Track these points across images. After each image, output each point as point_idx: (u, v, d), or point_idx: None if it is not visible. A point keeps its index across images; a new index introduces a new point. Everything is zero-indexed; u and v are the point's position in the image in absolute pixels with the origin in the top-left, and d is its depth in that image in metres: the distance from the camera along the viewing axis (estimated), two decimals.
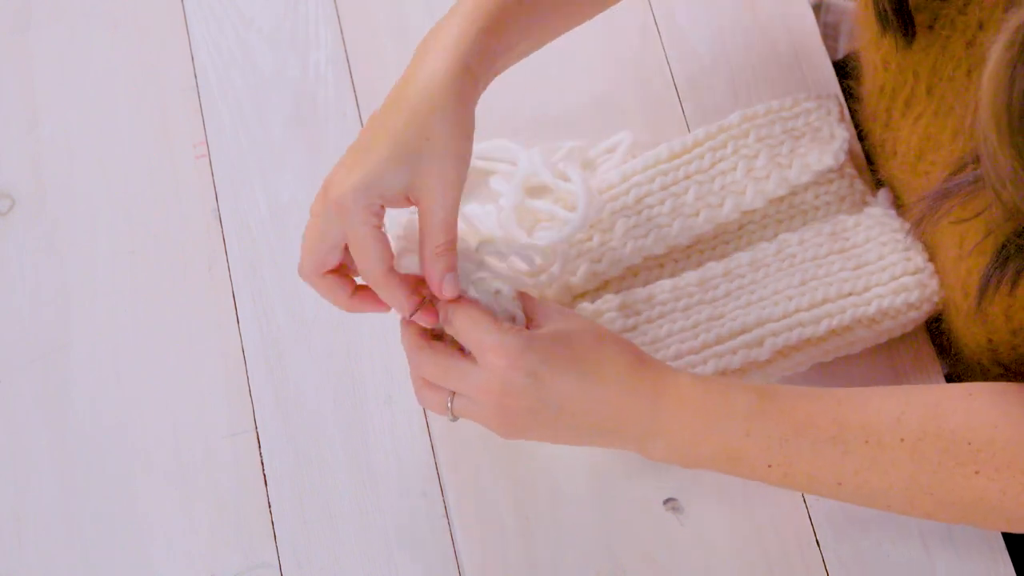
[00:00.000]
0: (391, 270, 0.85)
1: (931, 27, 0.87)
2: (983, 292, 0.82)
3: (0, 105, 1.11)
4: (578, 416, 0.86)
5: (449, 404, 0.87)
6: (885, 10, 0.88)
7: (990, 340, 0.89)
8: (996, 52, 0.69)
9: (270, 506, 0.98)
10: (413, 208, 0.86)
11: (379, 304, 0.88)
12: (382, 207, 0.84)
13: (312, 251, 0.86)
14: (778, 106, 1.02)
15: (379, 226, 0.84)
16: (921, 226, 0.86)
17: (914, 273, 0.96)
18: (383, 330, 1.02)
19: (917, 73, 0.91)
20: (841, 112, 1.02)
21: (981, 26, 0.83)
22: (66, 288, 1.04)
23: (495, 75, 0.90)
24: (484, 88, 0.88)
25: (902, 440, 0.84)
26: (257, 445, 1.00)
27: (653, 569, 0.95)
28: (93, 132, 1.10)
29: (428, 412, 1.00)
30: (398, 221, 0.89)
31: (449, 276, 0.85)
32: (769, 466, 0.86)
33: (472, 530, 0.97)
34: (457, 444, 0.99)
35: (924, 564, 0.95)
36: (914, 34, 0.88)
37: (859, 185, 1.02)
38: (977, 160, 0.77)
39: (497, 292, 0.88)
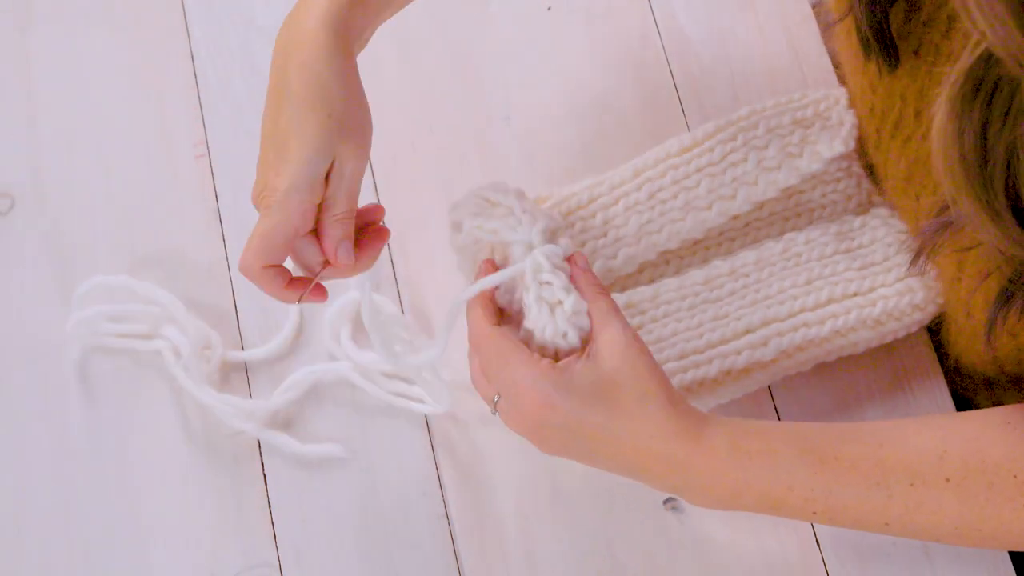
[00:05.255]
0: (269, 268, 0.84)
1: (917, 53, 0.87)
2: (990, 330, 0.82)
3: (0, 105, 1.11)
4: (615, 458, 0.85)
5: (496, 400, 0.87)
6: (867, 37, 0.88)
7: (995, 358, 0.89)
8: (941, 106, 0.69)
9: (270, 506, 0.98)
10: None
11: (319, 294, 0.87)
12: (315, 205, 0.83)
13: (259, 250, 0.84)
14: (786, 99, 1.02)
15: (296, 224, 0.83)
16: (920, 259, 0.85)
17: (920, 274, 0.95)
18: None
19: (904, 97, 0.91)
20: (849, 101, 1.01)
21: None
22: (66, 288, 1.03)
23: (367, 40, 0.90)
24: (360, 51, 0.88)
25: (947, 480, 0.83)
26: (257, 445, 1.00)
27: (653, 569, 0.95)
28: (93, 132, 1.10)
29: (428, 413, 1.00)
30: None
31: (345, 243, 0.84)
32: (814, 513, 0.85)
33: (472, 530, 0.97)
34: (457, 444, 0.99)
35: (924, 564, 0.95)
36: (897, 61, 0.88)
37: (866, 185, 1.02)
38: None
39: (558, 304, 0.86)
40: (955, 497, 0.83)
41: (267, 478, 0.99)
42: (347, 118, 0.84)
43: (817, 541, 0.96)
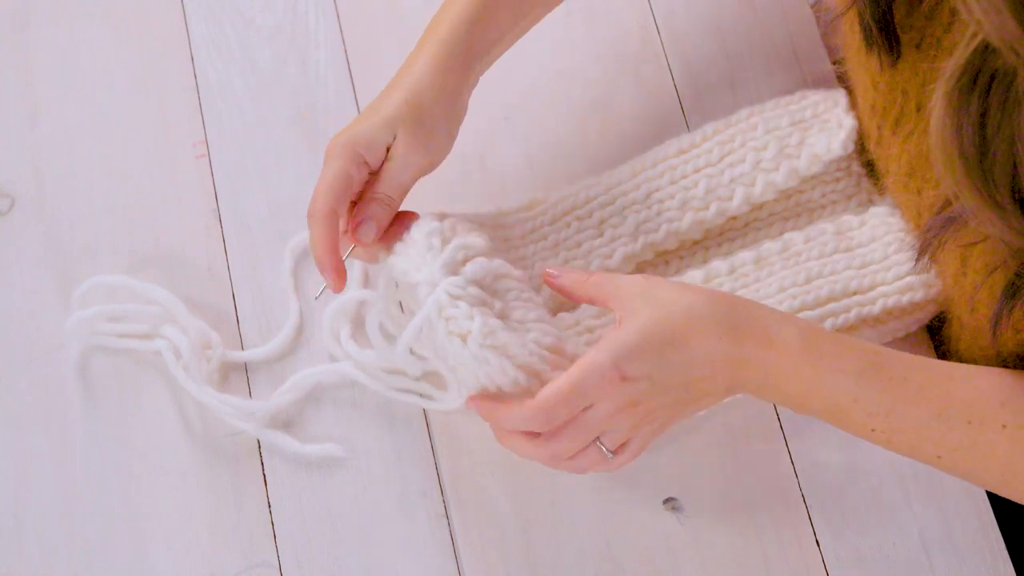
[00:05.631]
0: (334, 211, 0.90)
1: (919, 46, 0.87)
2: (996, 322, 0.83)
3: (0, 104, 1.11)
4: (705, 383, 0.86)
5: (603, 449, 0.87)
6: (870, 28, 0.88)
7: (999, 353, 0.89)
8: (938, 101, 0.70)
9: (270, 506, 0.98)
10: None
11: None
12: (364, 162, 0.91)
13: (324, 192, 0.90)
14: (786, 100, 1.02)
15: (351, 172, 0.90)
16: (926, 255, 0.86)
17: (919, 272, 0.95)
18: None
19: (906, 92, 0.91)
20: (849, 102, 1.01)
21: None
22: (66, 288, 1.03)
23: (487, 61, 0.96)
24: (477, 72, 0.95)
25: (1004, 426, 0.84)
26: (257, 445, 1.00)
27: (652, 569, 0.95)
28: (93, 132, 1.10)
29: (427, 411, 1.00)
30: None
31: (370, 222, 0.91)
32: (873, 430, 0.86)
33: (472, 530, 0.97)
34: (457, 444, 0.99)
35: (924, 564, 0.95)
36: (899, 53, 0.89)
37: (866, 184, 1.02)
38: None
39: (468, 333, 0.86)
40: (1008, 444, 0.84)
41: (267, 478, 0.99)
42: (425, 116, 0.92)
43: (817, 541, 0.96)
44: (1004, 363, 0.91)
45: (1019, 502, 0.88)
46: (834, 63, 1.10)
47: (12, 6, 1.14)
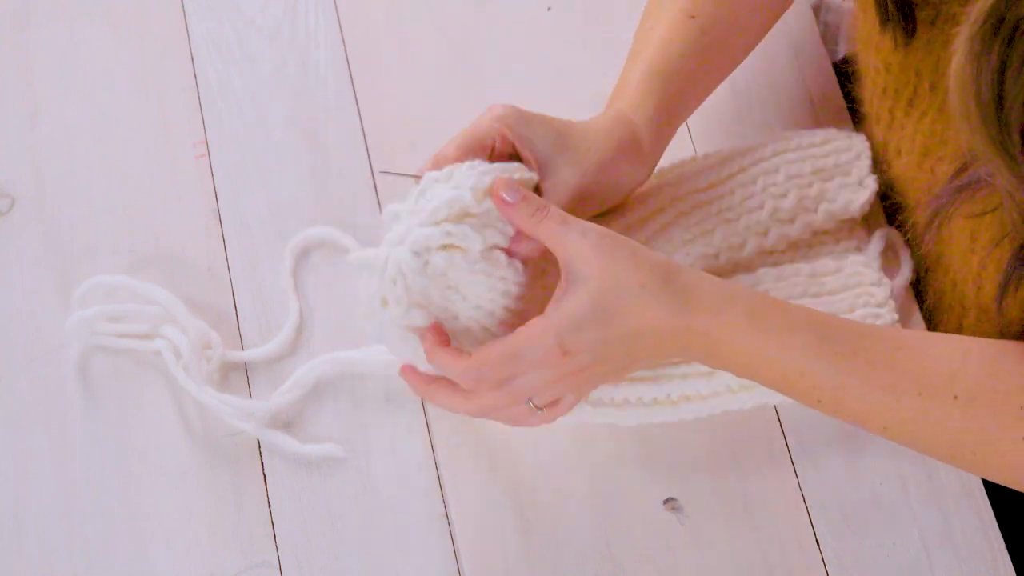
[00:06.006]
0: (458, 159, 0.89)
1: (933, 23, 0.88)
2: (1003, 293, 0.83)
3: (0, 104, 1.11)
4: (648, 352, 0.87)
5: (534, 406, 0.88)
6: (886, 3, 0.88)
7: (1002, 333, 0.89)
8: (960, 46, 0.70)
9: (270, 506, 0.98)
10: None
11: None
12: (504, 136, 0.90)
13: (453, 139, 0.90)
14: (808, 142, 1.01)
15: (490, 134, 0.90)
16: (934, 224, 0.86)
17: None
18: None
19: (920, 72, 0.91)
20: (872, 156, 1.01)
21: None
22: (66, 288, 1.03)
23: (666, 124, 0.95)
24: (655, 135, 0.95)
25: (955, 397, 0.84)
26: (257, 445, 1.00)
27: (652, 569, 0.95)
28: (93, 131, 1.10)
29: (427, 411, 1.00)
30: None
31: (529, 243, 0.88)
32: (819, 401, 0.87)
33: (472, 530, 0.97)
34: (457, 444, 0.99)
35: (924, 564, 0.95)
36: (914, 29, 0.89)
37: (858, 231, 1.01)
38: None
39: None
40: (959, 415, 0.84)
41: (267, 478, 0.99)
42: (587, 148, 0.91)
43: (817, 541, 0.96)
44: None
45: (967, 471, 0.89)
46: (835, 63, 1.10)
47: (12, 6, 1.14)
